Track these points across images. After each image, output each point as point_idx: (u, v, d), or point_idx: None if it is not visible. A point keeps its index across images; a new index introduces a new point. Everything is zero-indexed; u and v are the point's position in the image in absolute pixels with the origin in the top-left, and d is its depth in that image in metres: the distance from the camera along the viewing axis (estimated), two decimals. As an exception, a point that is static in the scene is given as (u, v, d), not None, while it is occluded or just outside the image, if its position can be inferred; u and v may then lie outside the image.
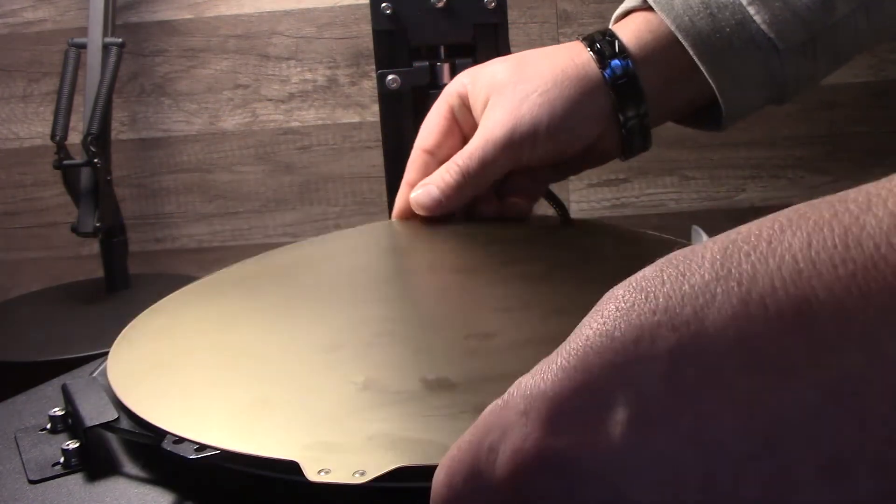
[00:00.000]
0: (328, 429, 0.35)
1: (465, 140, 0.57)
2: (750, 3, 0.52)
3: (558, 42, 0.96)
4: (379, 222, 0.65)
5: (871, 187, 0.19)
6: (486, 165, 0.55)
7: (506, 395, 0.23)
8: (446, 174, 0.55)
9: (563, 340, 0.23)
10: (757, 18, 0.52)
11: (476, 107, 0.57)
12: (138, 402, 0.39)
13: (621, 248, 0.60)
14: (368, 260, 0.60)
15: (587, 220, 0.88)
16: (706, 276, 0.19)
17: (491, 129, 0.54)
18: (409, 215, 0.58)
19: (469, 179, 0.55)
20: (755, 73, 0.53)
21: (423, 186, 0.56)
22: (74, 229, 0.85)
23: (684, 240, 0.51)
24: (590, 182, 1.02)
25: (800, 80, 0.54)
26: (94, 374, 0.44)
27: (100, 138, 0.85)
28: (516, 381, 0.23)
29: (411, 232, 0.60)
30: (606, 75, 0.54)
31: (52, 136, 0.84)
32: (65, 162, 0.84)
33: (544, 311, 0.47)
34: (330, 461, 0.31)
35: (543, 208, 1.00)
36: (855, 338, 0.17)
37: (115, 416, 0.38)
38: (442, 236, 0.58)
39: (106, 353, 0.45)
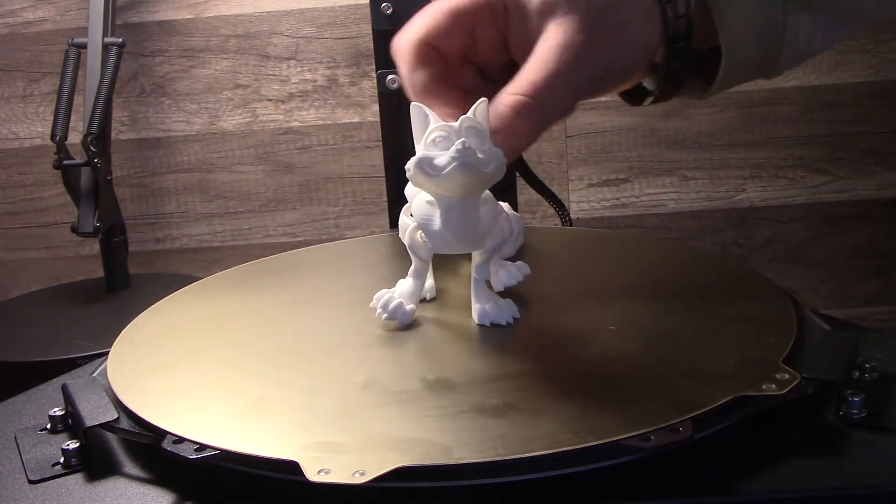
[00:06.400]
0: (328, 429, 0.35)
1: (477, 47, 0.45)
2: None
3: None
4: (380, 235, 0.65)
5: None
6: (572, 103, 0.41)
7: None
8: (517, 116, 0.40)
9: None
10: None
11: (533, 9, 0.43)
12: (138, 402, 0.39)
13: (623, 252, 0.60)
14: (369, 262, 0.60)
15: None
16: None
17: (581, 54, 0.41)
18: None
19: (547, 122, 0.41)
20: (756, 17, 0.44)
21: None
22: (74, 229, 0.86)
23: (683, 241, 0.50)
24: (590, 182, 1.02)
25: (798, 39, 0.46)
26: (94, 374, 0.44)
27: (100, 138, 0.85)
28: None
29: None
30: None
31: (52, 136, 0.84)
32: (65, 162, 0.84)
33: (543, 309, 0.48)
34: (330, 461, 0.31)
35: (543, 208, 1.00)
36: None
37: (115, 416, 0.38)
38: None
39: (106, 353, 0.45)
